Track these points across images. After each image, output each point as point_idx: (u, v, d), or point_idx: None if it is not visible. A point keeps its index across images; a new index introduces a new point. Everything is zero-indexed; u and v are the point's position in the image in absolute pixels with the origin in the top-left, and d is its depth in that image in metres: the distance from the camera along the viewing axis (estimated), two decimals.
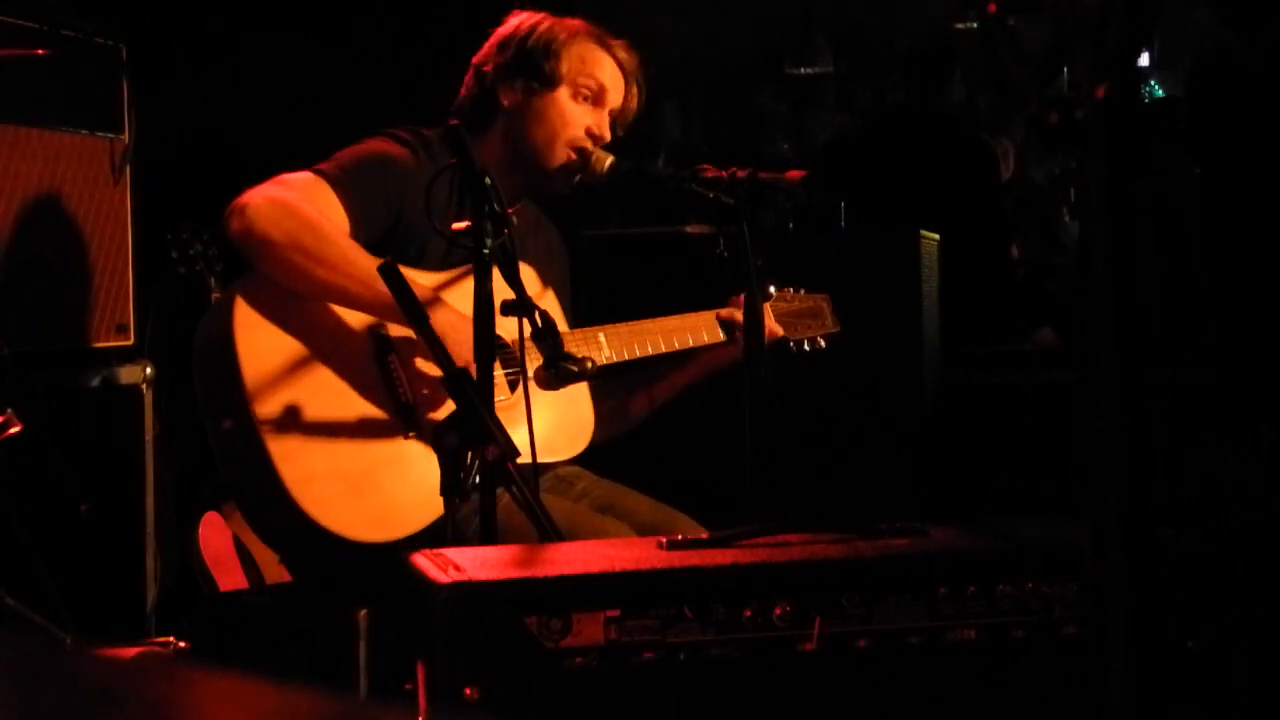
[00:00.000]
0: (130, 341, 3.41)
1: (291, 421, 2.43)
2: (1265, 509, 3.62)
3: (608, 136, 2.81)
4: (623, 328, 2.79)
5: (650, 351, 2.82)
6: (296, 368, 2.48)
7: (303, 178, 2.57)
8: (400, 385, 2.53)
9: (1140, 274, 0.96)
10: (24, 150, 3.17)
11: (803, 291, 3.05)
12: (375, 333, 2.55)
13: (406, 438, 2.51)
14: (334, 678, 2.52)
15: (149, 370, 3.43)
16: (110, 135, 3.37)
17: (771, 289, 2.99)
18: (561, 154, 2.77)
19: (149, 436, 3.44)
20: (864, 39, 8.28)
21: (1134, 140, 0.95)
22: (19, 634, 2.65)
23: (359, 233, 2.57)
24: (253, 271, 2.52)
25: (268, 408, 2.42)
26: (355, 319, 2.55)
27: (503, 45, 2.79)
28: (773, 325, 2.92)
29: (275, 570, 2.98)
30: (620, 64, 2.81)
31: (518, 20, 2.82)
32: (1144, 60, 7.69)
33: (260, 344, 2.46)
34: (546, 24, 2.79)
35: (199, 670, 0.79)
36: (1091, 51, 0.95)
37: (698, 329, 2.88)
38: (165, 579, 3.49)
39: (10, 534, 2.91)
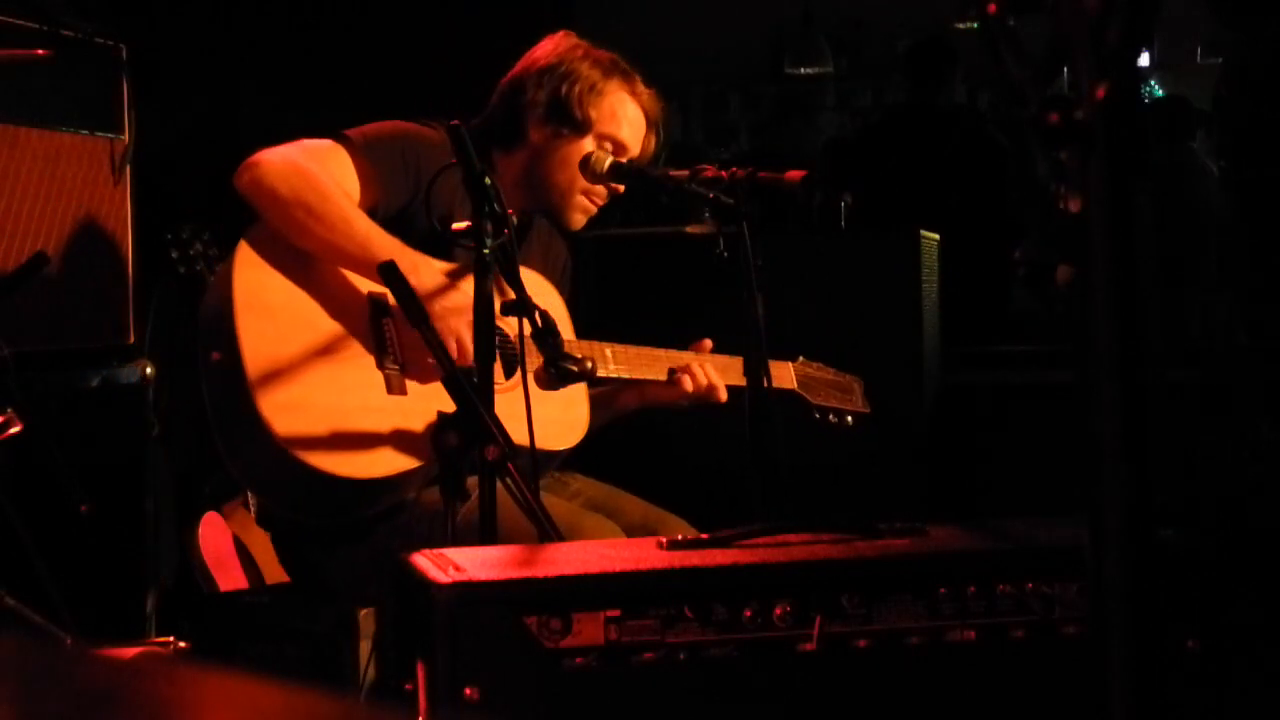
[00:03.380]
0: (130, 341, 3.41)
1: (276, 355, 2.47)
2: (1265, 509, 3.62)
3: (621, 188, 2.88)
4: (633, 350, 2.81)
5: (657, 376, 2.83)
6: (290, 308, 2.52)
7: (321, 142, 2.64)
8: (392, 345, 2.56)
9: (1140, 274, 0.96)
10: (24, 150, 3.17)
11: (834, 369, 3.08)
12: (375, 297, 2.58)
13: (390, 393, 2.53)
14: (334, 678, 2.53)
15: (149, 370, 3.43)
16: (110, 135, 3.37)
17: (801, 357, 3.03)
18: (575, 200, 2.84)
19: (149, 436, 3.44)
20: (864, 39, 8.29)
21: (1134, 140, 0.95)
22: (19, 634, 2.65)
23: (375, 201, 2.61)
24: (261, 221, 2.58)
25: (255, 338, 2.46)
26: (358, 280, 2.59)
27: (540, 78, 2.81)
28: (789, 379, 2.97)
29: (275, 570, 2.98)
30: (645, 112, 2.88)
31: (554, 49, 2.84)
32: (1144, 60, 7.71)
33: (257, 282, 2.51)
34: (585, 65, 2.82)
35: (199, 670, 0.79)
36: (1091, 51, 0.95)
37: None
38: (165, 579, 3.49)
39: (10, 534, 2.91)
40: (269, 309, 2.49)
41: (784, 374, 2.98)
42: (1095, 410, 0.96)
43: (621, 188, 2.88)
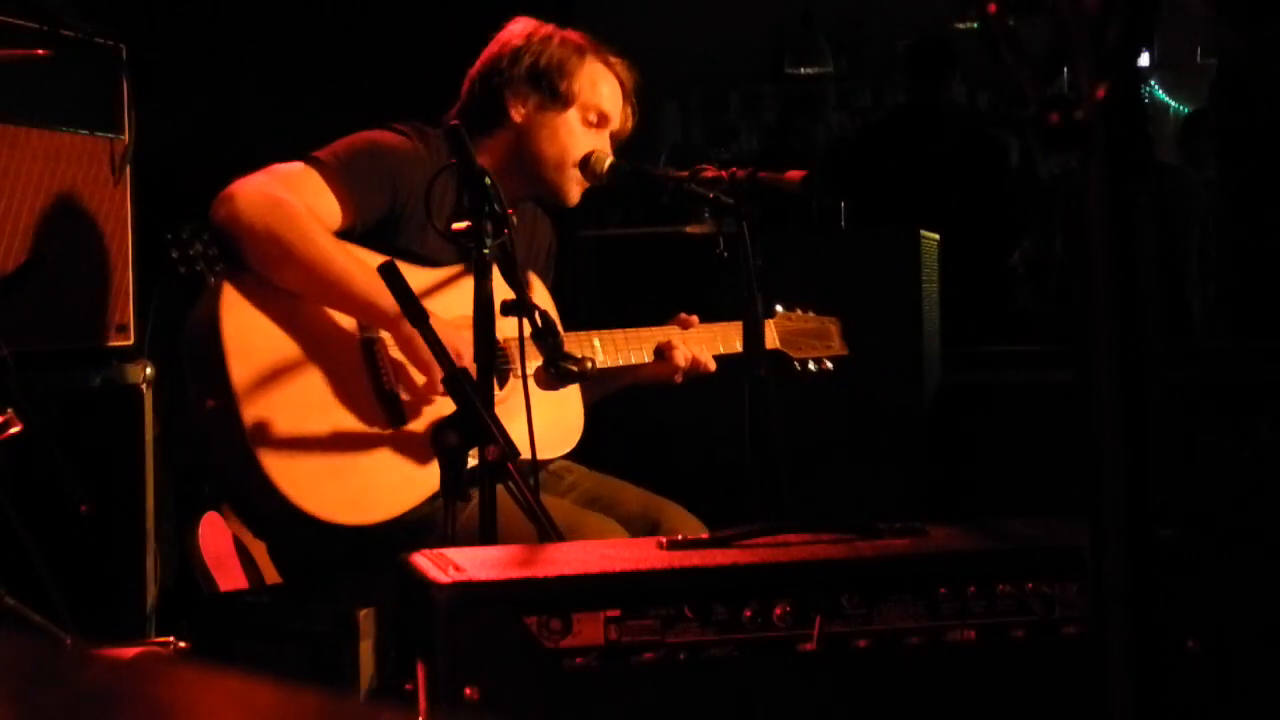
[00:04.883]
0: (130, 341, 3.41)
1: (272, 402, 2.45)
2: (1265, 509, 3.62)
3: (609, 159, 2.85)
4: (619, 334, 2.80)
5: (646, 359, 2.82)
6: (281, 350, 2.50)
7: (294, 168, 2.59)
8: (385, 375, 2.55)
9: (1141, 274, 0.96)
10: (24, 150, 3.16)
11: (811, 313, 3.07)
12: (363, 325, 2.56)
13: (386, 428, 2.53)
14: (334, 678, 2.52)
15: (149, 370, 3.43)
16: (110, 135, 3.37)
17: (778, 307, 3.02)
18: (569, 173, 2.82)
19: (149, 436, 3.43)
20: (864, 39, 8.29)
21: (1134, 140, 0.95)
22: (19, 634, 2.65)
23: (351, 220, 2.59)
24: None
25: (249, 387, 2.44)
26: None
27: (513, 58, 2.80)
28: (771, 338, 2.95)
29: (275, 570, 2.98)
30: (621, 83, 2.86)
31: (523, 30, 2.83)
32: (1144, 60, 7.72)
33: (245, 325, 2.49)
34: (555, 40, 2.81)
35: (199, 670, 0.79)
36: (1091, 51, 0.95)
37: (698, 340, 2.88)
38: (165, 579, 3.48)
39: (10, 534, 2.91)
40: (260, 352, 2.47)
41: (765, 333, 2.98)
42: (1095, 410, 0.96)
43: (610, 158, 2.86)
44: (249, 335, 2.48)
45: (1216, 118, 4.66)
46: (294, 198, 2.52)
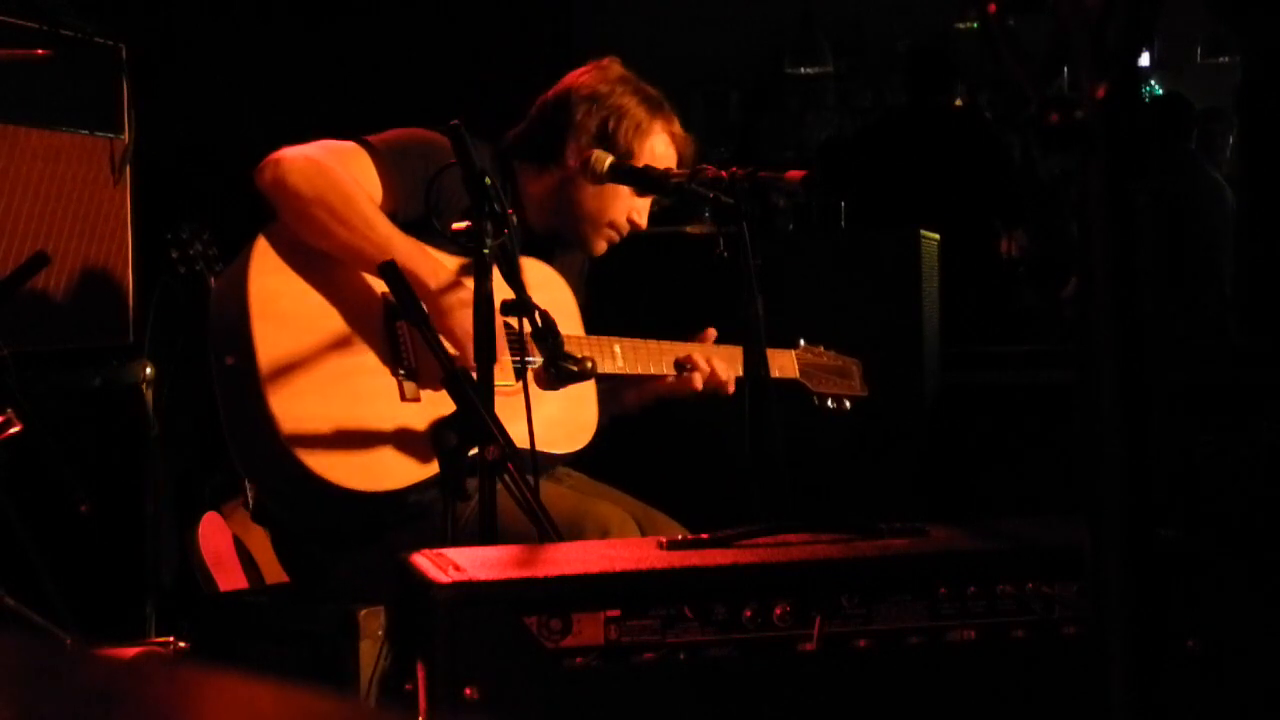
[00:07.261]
0: (130, 341, 3.41)
1: (291, 363, 2.46)
2: (1265, 509, 3.62)
3: (644, 226, 2.91)
4: (640, 344, 2.82)
5: (664, 371, 2.83)
6: (305, 314, 2.51)
7: (345, 145, 2.63)
8: (405, 350, 2.56)
9: (1140, 274, 0.96)
10: (24, 150, 3.17)
11: (834, 352, 3.09)
12: (388, 299, 2.58)
13: (403, 400, 2.54)
14: (334, 678, 2.53)
15: (149, 370, 3.43)
16: (110, 135, 3.37)
17: (802, 341, 3.04)
18: (601, 230, 2.86)
19: (149, 436, 3.44)
20: (864, 39, 8.29)
21: (1134, 140, 0.95)
22: (19, 634, 2.65)
23: (394, 208, 2.61)
24: (280, 219, 2.56)
25: (270, 346, 2.45)
26: (373, 282, 2.58)
27: (590, 104, 2.81)
28: (791, 368, 2.99)
29: (275, 570, 2.98)
30: (679, 154, 2.91)
31: (610, 76, 2.85)
32: (1144, 60, 7.72)
33: (273, 285, 2.50)
34: (633, 103, 2.84)
35: (199, 670, 0.79)
36: (1091, 51, 0.95)
37: (722, 356, 2.89)
38: (165, 579, 3.49)
39: (10, 534, 2.91)
40: (284, 316, 2.48)
41: (786, 362, 3.00)
42: (1095, 410, 0.96)
43: (645, 224, 2.89)
44: (275, 297, 2.49)
45: (1239, 116, 4.64)
46: (342, 168, 2.55)
